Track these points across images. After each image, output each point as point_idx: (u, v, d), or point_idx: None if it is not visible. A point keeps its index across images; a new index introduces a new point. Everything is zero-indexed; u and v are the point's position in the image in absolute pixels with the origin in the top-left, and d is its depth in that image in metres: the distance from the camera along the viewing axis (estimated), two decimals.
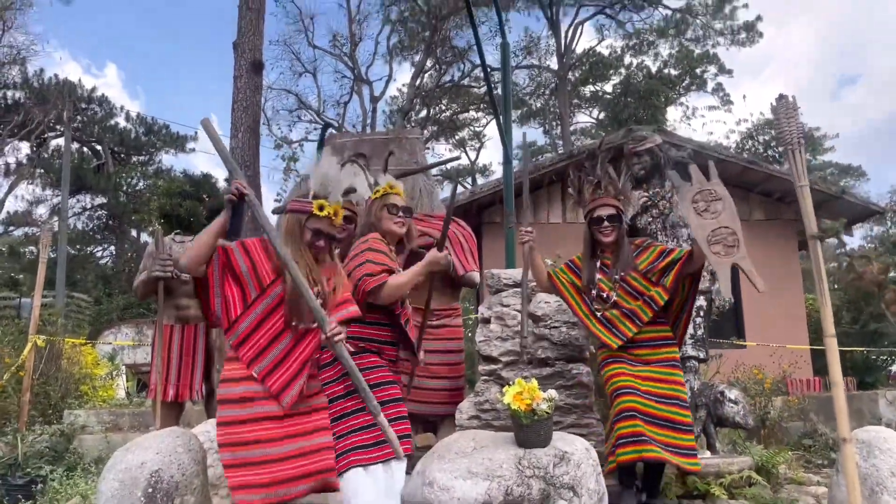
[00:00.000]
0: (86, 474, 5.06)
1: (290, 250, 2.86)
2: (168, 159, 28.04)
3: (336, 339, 2.77)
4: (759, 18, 26.61)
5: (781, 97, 3.01)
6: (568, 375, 3.93)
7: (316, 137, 25.46)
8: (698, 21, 27.08)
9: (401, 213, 3.64)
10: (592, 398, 3.98)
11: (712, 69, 27.47)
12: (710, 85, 27.90)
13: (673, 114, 28.68)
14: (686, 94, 28.29)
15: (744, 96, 46.21)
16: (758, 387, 5.85)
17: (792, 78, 54.05)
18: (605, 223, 3.56)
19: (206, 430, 4.04)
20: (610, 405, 3.44)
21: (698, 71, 27.14)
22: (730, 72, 27.79)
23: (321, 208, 2.92)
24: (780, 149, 3.12)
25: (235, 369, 2.81)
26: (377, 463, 3.03)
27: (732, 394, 4.06)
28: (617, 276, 3.53)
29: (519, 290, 4.18)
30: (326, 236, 2.95)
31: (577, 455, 2.88)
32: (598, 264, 3.61)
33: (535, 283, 4.25)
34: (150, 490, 2.93)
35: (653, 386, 3.39)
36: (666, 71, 26.93)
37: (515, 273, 4.30)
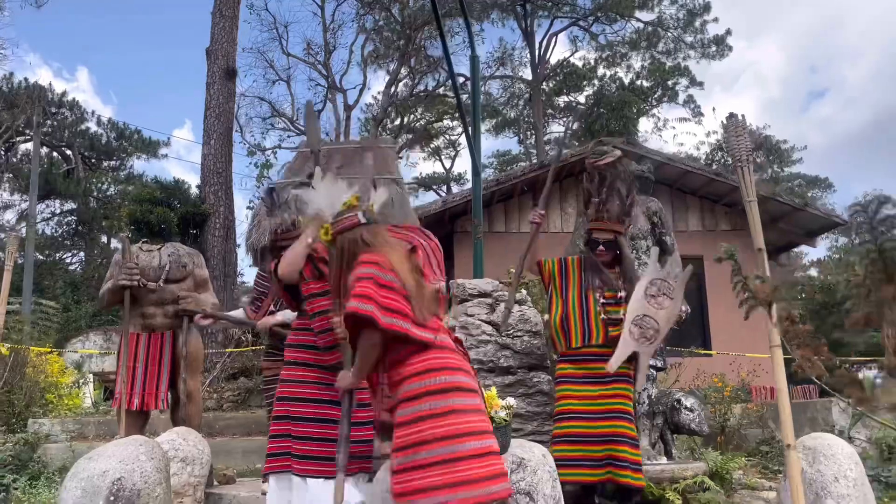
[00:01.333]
0: (49, 483, 5.04)
1: None
2: (140, 165, 27.82)
3: None
4: (728, 33, 27.12)
5: (731, 116, 3.13)
6: (529, 383, 4.02)
7: (290, 145, 25.39)
8: (669, 34, 27.53)
9: None
10: (553, 406, 4.06)
11: (684, 81, 27.95)
12: (682, 97, 28.40)
13: (645, 125, 29.14)
14: (658, 105, 28.73)
15: (713, 109, 47.05)
16: (718, 394, 6.00)
17: (763, 91, 55.05)
18: (601, 247, 3.80)
19: (171, 439, 4.06)
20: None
21: (670, 83, 27.58)
22: (700, 84, 28.28)
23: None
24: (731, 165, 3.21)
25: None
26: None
27: (689, 401, 4.17)
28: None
29: (483, 298, 4.27)
30: None
31: (533, 461, 2.96)
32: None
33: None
34: (112, 498, 2.96)
35: (601, 403, 3.56)
36: (638, 82, 27.30)
37: (480, 283, 4.39)
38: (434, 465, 2.41)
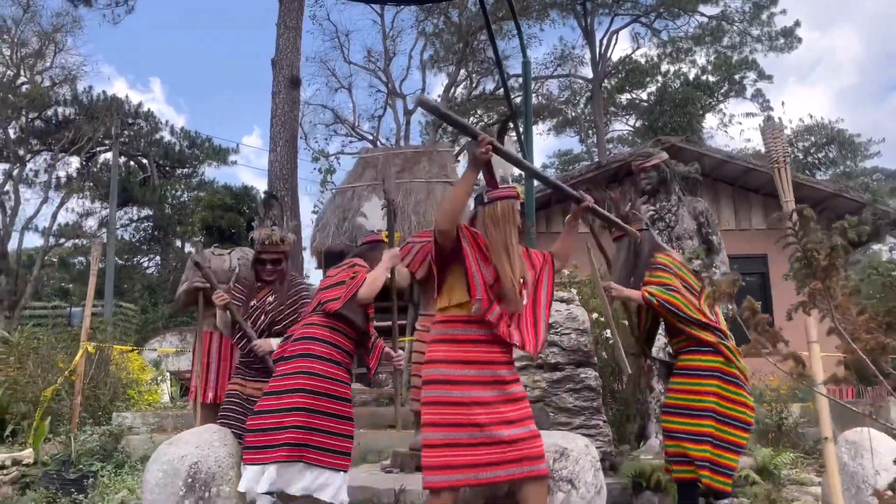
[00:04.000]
0: (133, 471, 5.44)
1: (509, 235, 2.86)
2: (210, 172, 28.83)
3: None
4: (797, 24, 26.36)
5: (768, 119, 3.25)
6: (577, 379, 4.17)
7: (351, 150, 26.00)
8: (735, 28, 26.94)
9: None
10: (600, 401, 4.20)
11: (751, 75, 27.27)
12: (750, 91, 27.70)
13: (711, 121, 28.57)
14: (724, 100, 28.12)
15: (782, 103, 45.73)
16: (774, 393, 5.97)
17: (839, 81, 53.06)
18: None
19: None
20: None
21: (737, 77, 26.95)
22: (769, 77, 27.52)
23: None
24: (769, 162, 3.27)
25: (451, 350, 2.81)
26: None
27: None
28: None
29: None
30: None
31: (576, 451, 3.12)
32: None
33: None
34: (190, 480, 3.26)
35: None
36: (704, 78, 26.80)
37: None
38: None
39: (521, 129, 6.76)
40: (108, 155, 24.35)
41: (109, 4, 22.29)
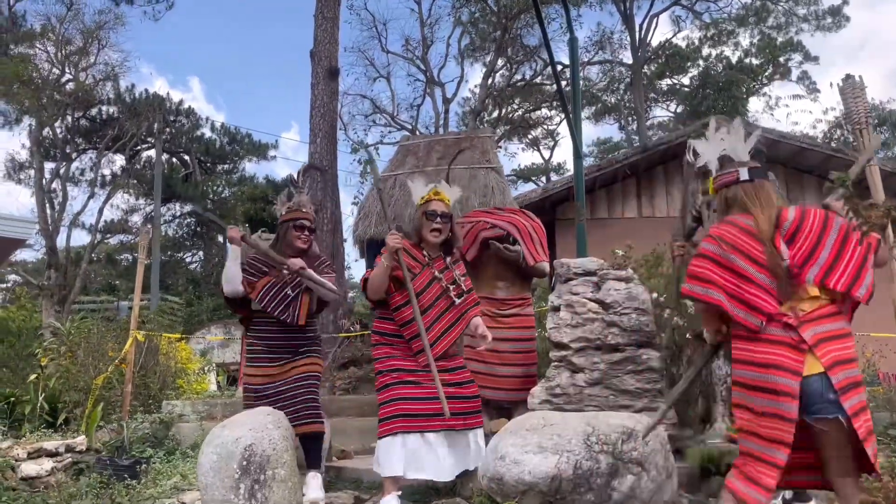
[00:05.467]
0: (184, 458, 5.43)
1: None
2: (251, 167, 29.17)
3: None
4: (845, 2, 25.55)
5: (848, 77, 3.02)
6: (638, 361, 4.00)
7: (390, 140, 25.95)
8: (780, 8, 26.21)
9: (438, 219, 3.76)
10: (664, 383, 4.03)
11: (797, 57, 26.54)
12: (795, 73, 26.97)
13: (756, 104, 27.92)
14: (769, 83, 27.42)
15: (830, 84, 44.38)
16: None
17: (889, 61, 51.40)
18: None
19: None
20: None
21: (782, 59, 26.25)
22: (815, 59, 26.75)
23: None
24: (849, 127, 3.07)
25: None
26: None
27: None
28: None
29: (588, 277, 4.27)
30: None
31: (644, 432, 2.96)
32: None
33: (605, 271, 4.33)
34: (245, 463, 3.19)
35: None
36: (747, 61, 26.15)
37: (585, 262, 4.39)
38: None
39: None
40: (151, 152, 24.67)
41: (150, 1, 22.58)
